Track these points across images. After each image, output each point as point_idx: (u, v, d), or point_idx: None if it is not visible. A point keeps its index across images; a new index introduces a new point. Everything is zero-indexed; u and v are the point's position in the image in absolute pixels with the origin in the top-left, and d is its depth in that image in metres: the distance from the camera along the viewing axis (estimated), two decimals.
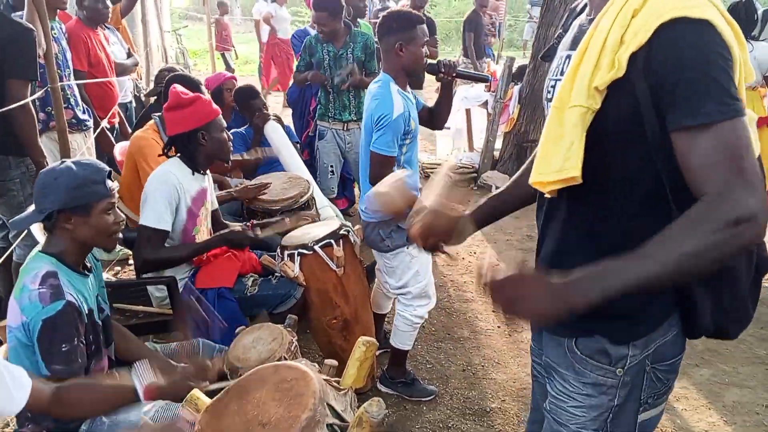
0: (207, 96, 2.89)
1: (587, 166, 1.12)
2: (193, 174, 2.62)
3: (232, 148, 2.72)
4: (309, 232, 2.84)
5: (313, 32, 4.77)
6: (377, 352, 2.43)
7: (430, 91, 8.97)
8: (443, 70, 2.75)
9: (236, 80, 4.36)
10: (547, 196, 1.23)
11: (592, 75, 1.09)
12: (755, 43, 4.57)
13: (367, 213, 2.71)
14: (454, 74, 2.79)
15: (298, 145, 4.36)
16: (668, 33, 1.02)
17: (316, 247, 2.68)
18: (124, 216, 1.97)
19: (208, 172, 2.75)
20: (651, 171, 1.12)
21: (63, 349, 1.71)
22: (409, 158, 2.70)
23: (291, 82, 5.18)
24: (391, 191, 1.68)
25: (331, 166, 4.45)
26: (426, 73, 2.84)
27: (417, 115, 2.75)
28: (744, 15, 4.48)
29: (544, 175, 1.17)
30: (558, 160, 1.14)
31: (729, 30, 1.04)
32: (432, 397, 2.95)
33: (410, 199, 1.66)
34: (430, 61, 2.74)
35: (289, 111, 5.35)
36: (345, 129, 4.39)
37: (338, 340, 2.74)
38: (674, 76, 1.02)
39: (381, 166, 2.53)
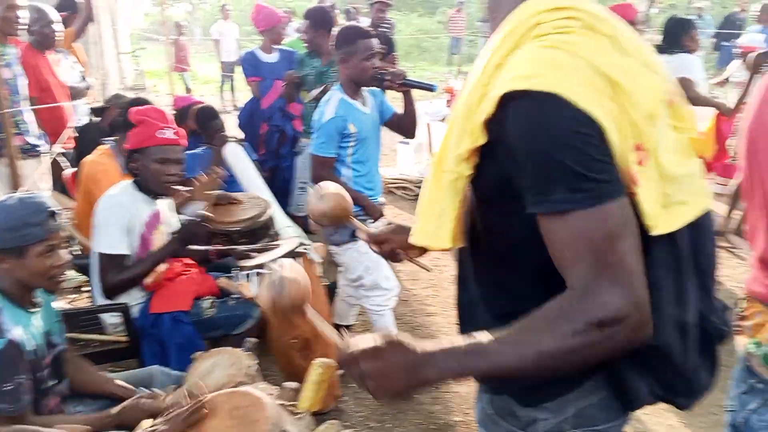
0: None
1: (479, 225, 1.07)
2: (145, 197, 2.57)
3: (178, 178, 2.59)
4: (267, 252, 2.82)
5: (260, 54, 4.81)
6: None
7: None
8: (388, 78, 2.88)
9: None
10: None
11: (459, 140, 0.98)
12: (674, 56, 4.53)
13: None
14: (399, 82, 2.91)
15: (258, 164, 4.34)
16: (513, 107, 0.90)
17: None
18: (69, 257, 1.89)
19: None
20: (538, 244, 0.95)
21: (7, 389, 1.65)
22: (358, 159, 2.94)
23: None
24: (325, 202, 1.70)
25: (304, 182, 4.45)
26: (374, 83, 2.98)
27: (373, 119, 2.97)
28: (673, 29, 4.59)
29: (424, 238, 1.10)
30: (432, 226, 1.06)
31: (600, 95, 0.89)
32: None
33: (343, 209, 1.70)
34: (378, 71, 2.90)
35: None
36: None
37: (299, 360, 2.71)
38: (522, 156, 0.90)
39: (318, 167, 2.86)
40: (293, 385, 1.93)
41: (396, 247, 1.53)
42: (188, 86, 11.52)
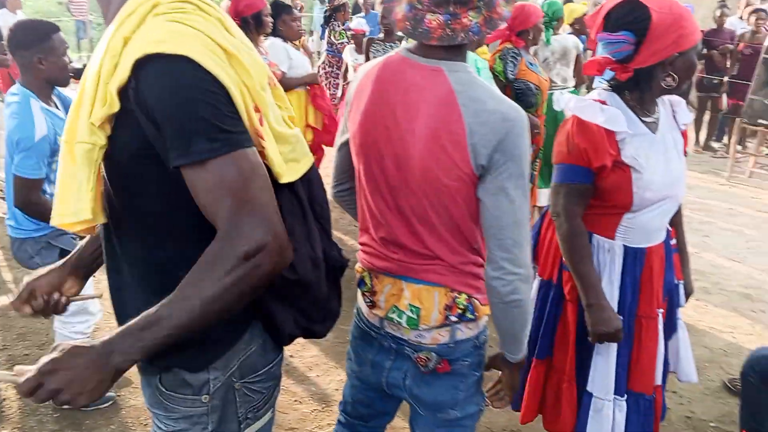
0: None
1: (118, 201, 1.09)
2: None
3: None
4: None
5: None
6: None
7: None
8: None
9: None
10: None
11: (91, 109, 1.02)
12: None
13: (14, 228, 2.57)
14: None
15: None
16: (148, 70, 0.96)
17: None
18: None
19: None
20: (183, 203, 1.03)
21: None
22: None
23: None
24: None
25: None
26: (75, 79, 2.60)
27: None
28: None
29: (64, 217, 1.10)
30: (71, 203, 1.08)
31: (221, 60, 1.00)
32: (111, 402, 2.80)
33: None
34: (76, 66, 2.65)
35: None
36: None
37: None
38: (161, 115, 0.97)
39: (27, 190, 2.36)
40: None
41: (47, 293, 1.35)
42: None
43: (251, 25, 4.15)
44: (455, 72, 1.34)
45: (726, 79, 7.40)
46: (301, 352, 3.30)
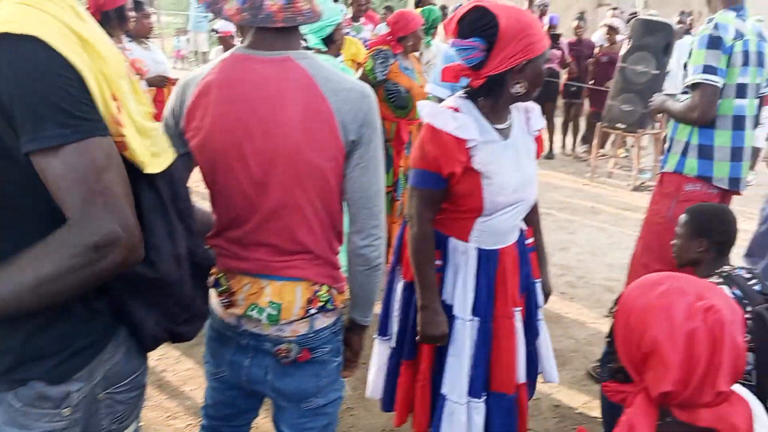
0: None
1: None
2: None
3: None
4: None
5: None
6: None
7: None
8: None
9: None
10: None
11: None
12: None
13: None
14: None
15: None
16: None
17: None
18: None
19: None
20: (33, 190, 0.99)
21: None
22: None
23: None
24: None
25: None
26: None
27: None
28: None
29: None
30: None
31: (75, 46, 0.96)
32: None
33: None
34: None
35: None
36: None
37: None
38: (8, 99, 0.92)
39: None
40: None
41: None
42: None
43: (113, 19, 3.95)
44: (304, 59, 1.40)
45: (587, 86, 7.91)
46: (174, 366, 3.15)
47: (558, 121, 8.45)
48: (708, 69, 2.75)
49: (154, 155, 1.12)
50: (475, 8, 1.75)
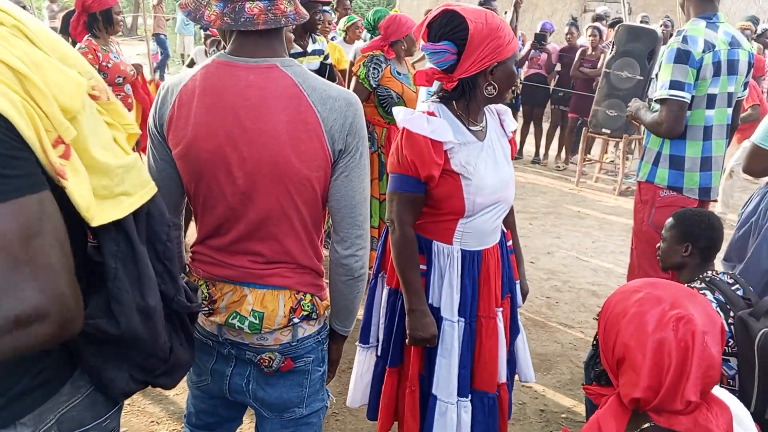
0: None
1: None
2: None
3: None
4: None
5: None
6: None
7: None
8: None
9: None
10: None
11: None
12: None
13: None
14: None
15: None
16: None
17: None
18: None
19: None
20: None
21: None
22: None
23: None
24: None
25: None
26: None
27: None
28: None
29: None
30: None
31: (7, 86, 0.85)
32: None
33: None
34: None
35: None
36: None
37: None
38: None
39: None
40: None
41: None
42: None
43: (100, 22, 3.91)
44: (289, 66, 1.38)
45: (574, 92, 7.94)
46: None
47: (546, 126, 8.49)
48: (675, 84, 2.76)
49: (123, 194, 1.00)
50: (445, 12, 1.77)
